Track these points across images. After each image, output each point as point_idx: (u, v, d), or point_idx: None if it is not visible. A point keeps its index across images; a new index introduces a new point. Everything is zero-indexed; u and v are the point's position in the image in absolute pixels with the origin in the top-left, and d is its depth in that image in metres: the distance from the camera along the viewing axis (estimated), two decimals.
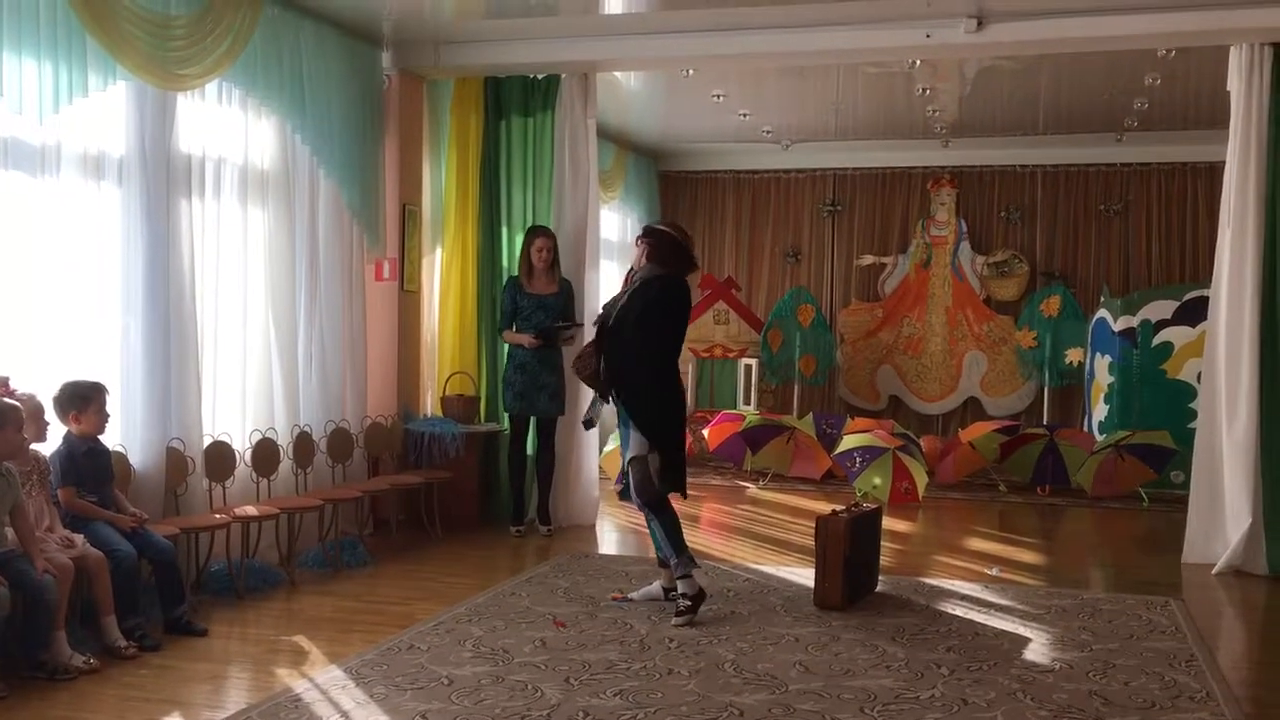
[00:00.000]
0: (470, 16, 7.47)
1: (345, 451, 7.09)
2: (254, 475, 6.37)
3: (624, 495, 5.93)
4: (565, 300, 7.62)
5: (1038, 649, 5.10)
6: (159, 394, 5.72)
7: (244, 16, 6.07)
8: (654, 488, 5.57)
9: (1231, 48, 6.86)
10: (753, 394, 11.36)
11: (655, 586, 5.80)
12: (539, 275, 7.54)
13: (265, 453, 6.43)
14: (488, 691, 4.35)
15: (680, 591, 5.49)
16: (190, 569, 5.71)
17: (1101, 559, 7.69)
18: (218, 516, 5.81)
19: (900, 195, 12.06)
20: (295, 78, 6.67)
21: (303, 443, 6.74)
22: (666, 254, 5.66)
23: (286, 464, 6.62)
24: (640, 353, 5.59)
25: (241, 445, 6.36)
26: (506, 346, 7.68)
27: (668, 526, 5.59)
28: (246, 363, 6.55)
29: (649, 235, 5.76)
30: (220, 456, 6.12)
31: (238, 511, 5.93)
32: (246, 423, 6.49)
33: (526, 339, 7.43)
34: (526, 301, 7.50)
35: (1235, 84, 6.85)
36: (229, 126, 6.35)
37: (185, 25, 5.71)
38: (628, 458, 5.67)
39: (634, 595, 5.81)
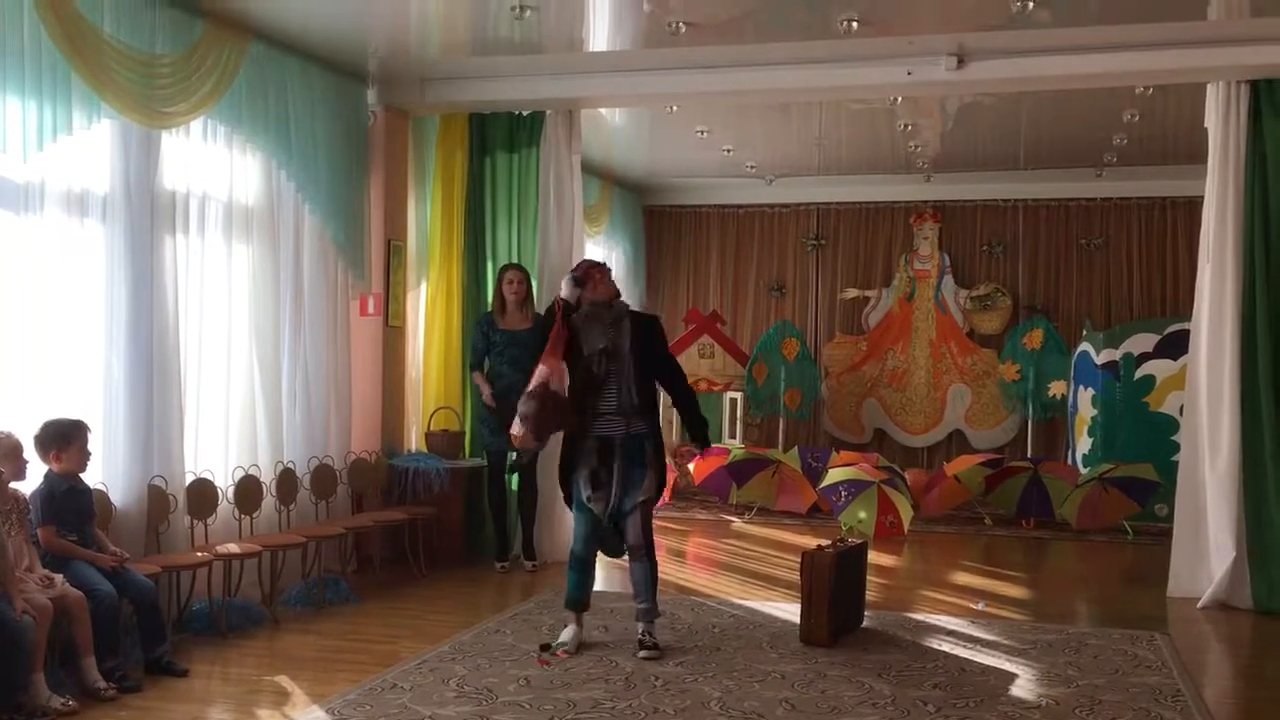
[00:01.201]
0: (455, 54, 7.51)
1: (329, 488, 7.06)
2: (236, 512, 6.33)
3: (611, 548, 5.70)
4: (538, 336, 7.61)
5: (1024, 685, 5.09)
6: (141, 431, 5.69)
7: (229, 55, 6.09)
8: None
9: (1209, 85, 6.95)
10: (738, 427, 11.36)
11: (578, 633, 5.60)
12: (511, 310, 7.57)
13: (248, 490, 6.39)
14: None
15: (653, 636, 5.50)
16: (172, 608, 5.66)
17: (1087, 593, 7.69)
18: (200, 555, 5.77)
19: (884, 229, 12.13)
20: (281, 115, 6.69)
21: (286, 479, 6.71)
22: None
23: (269, 501, 6.59)
24: (654, 389, 5.61)
25: (224, 482, 6.32)
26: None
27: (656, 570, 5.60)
28: (230, 399, 6.52)
29: (602, 267, 5.70)
30: (202, 494, 6.08)
31: (220, 549, 5.89)
32: (229, 459, 6.46)
33: (486, 393, 7.50)
34: (499, 337, 7.53)
35: (1213, 121, 6.93)
36: (214, 163, 6.36)
37: (170, 64, 5.73)
38: (639, 500, 5.48)
39: (567, 647, 5.47)
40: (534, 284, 7.97)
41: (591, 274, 5.60)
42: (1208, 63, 6.70)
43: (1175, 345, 9.27)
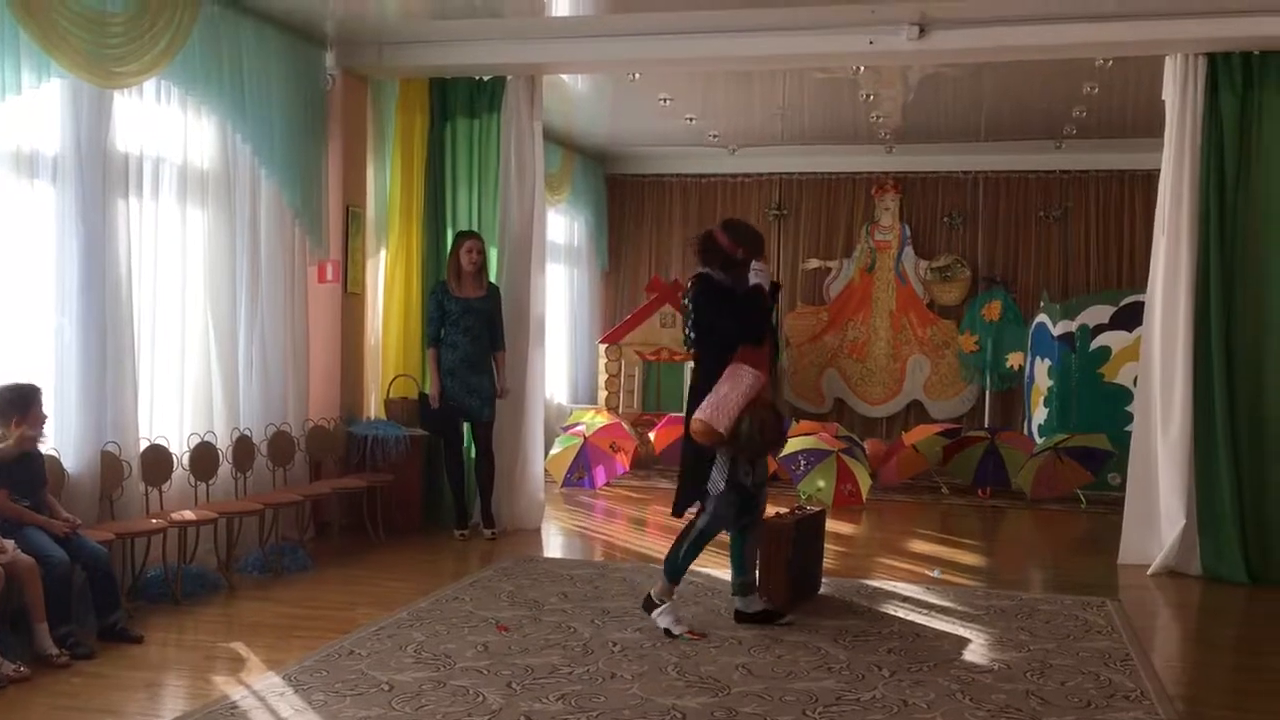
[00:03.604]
0: (415, 17, 7.42)
1: (286, 455, 7.01)
2: (192, 479, 6.27)
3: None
4: (493, 304, 7.60)
5: (977, 650, 5.16)
6: (94, 397, 5.61)
7: (182, 14, 5.97)
8: None
9: (1167, 58, 7.00)
10: None
11: (755, 600, 5.53)
12: (467, 279, 7.51)
13: (204, 456, 6.34)
14: (428, 697, 4.32)
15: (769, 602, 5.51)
16: (126, 575, 5.61)
17: (1040, 560, 7.80)
18: (154, 521, 5.72)
19: (845, 200, 12.16)
20: (236, 77, 6.59)
21: (242, 446, 6.65)
22: None
23: (225, 468, 6.53)
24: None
25: (179, 449, 6.26)
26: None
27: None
28: (184, 365, 6.45)
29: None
30: (157, 460, 6.02)
31: (175, 516, 5.84)
32: (184, 426, 6.39)
33: (433, 390, 7.49)
34: (454, 305, 7.48)
35: (1170, 93, 6.99)
36: (167, 125, 6.26)
37: (122, 22, 5.61)
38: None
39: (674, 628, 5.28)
40: (493, 251, 7.94)
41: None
42: (1165, 35, 6.76)
43: (1131, 317, 9.37)
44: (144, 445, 5.97)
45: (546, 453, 9.07)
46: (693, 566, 5.42)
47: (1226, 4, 6.50)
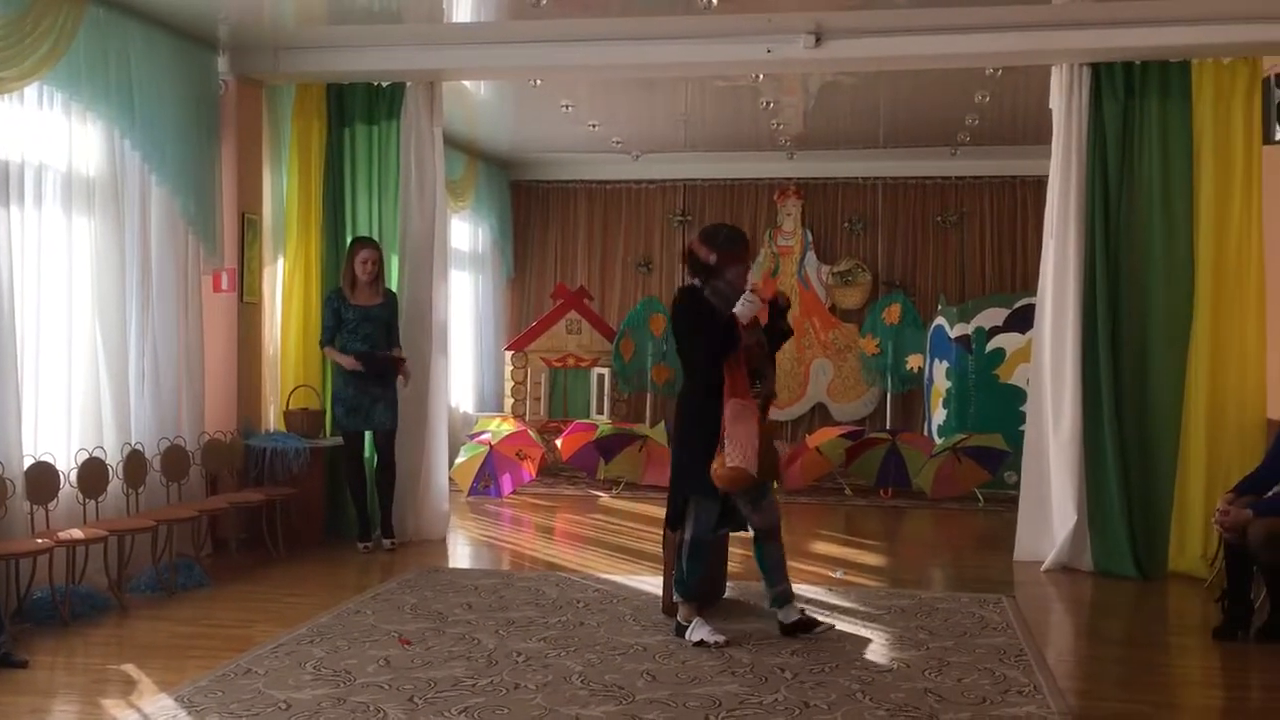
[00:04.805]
0: (311, 22, 7.30)
1: (181, 470, 6.83)
2: (80, 497, 6.07)
3: (736, 524, 5.53)
4: (390, 311, 7.51)
5: (877, 649, 5.24)
6: None
7: (66, 17, 5.79)
8: None
9: (1053, 67, 7.21)
10: (605, 403, 11.39)
11: (795, 610, 5.45)
12: (363, 287, 7.41)
13: (92, 473, 6.13)
14: (327, 715, 4.24)
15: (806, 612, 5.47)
16: (10, 597, 5.42)
17: (939, 559, 7.96)
18: (40, 541, 5.52)
19: (748, 206, 12.29)
20: (123, 81, 6.41)
21: (134, 462, 6.46)
22: None
23: (116, 484, 6.34)
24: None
25: (66, 465, 6.06)
26: (333, 362, 7.52)
27: None
28: (72, 379, 6.24)
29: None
30: (42, 478, 5.81)
31: (62, 535, 5.65)
32: (72, 442, 6.19)
33: (348, 361, 7.31)
34: (351, 314, 7.36)
35: (1057, 102, 7.20)
36: (51, 132, 6.06)
37: (2, 26, 5.42)
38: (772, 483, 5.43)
39: (713, 638, 5.23)
40: (393, 258, 7.85)
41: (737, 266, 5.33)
42: (1051, 45, 6.96)
43: (1023, 319, 9.61)
44: (28, 462, 5.76)
45: (452, 461, 8.98)
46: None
47: (1109, 16, 6.72)
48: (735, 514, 5.43)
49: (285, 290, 8.03)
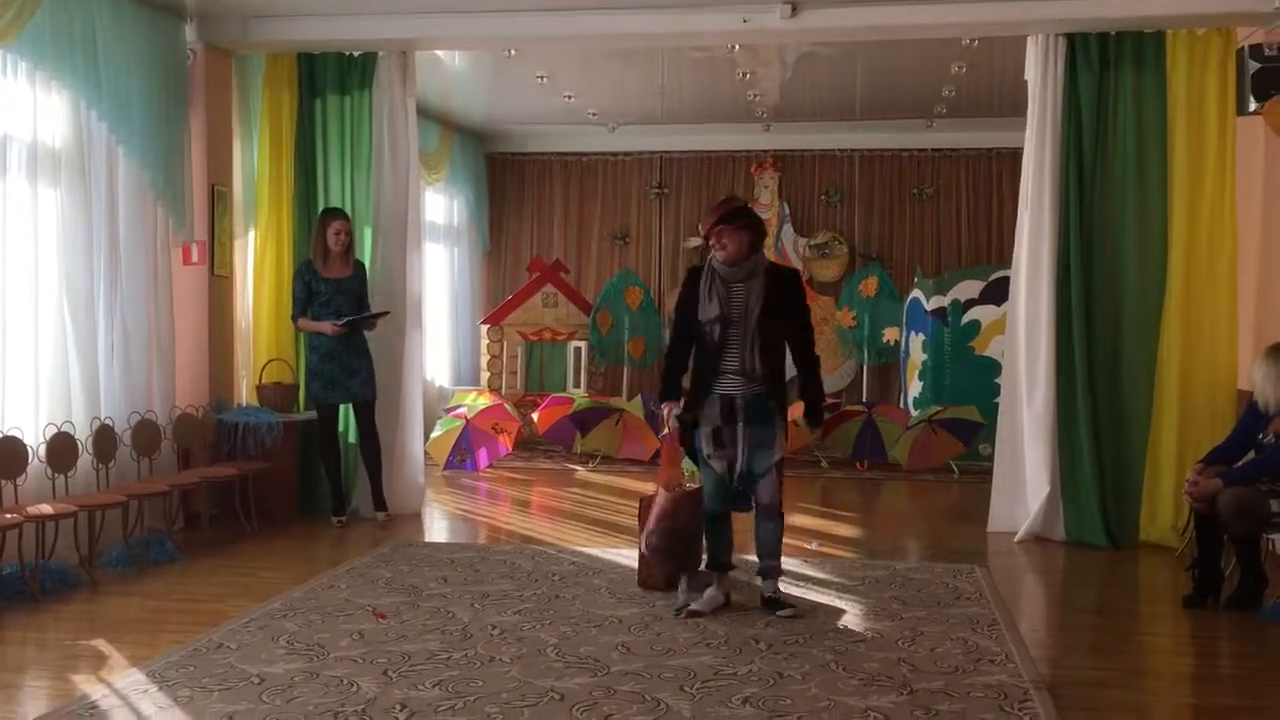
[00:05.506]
0: None
1: (152, 444, 6.77)
2: (49, 472, 6.01)
3: (740, 505, 5.39)
4: (360, 283, 7.45)
5: (852, 620, 5.26)
6: None
7: None
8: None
9: (1029, 38, 7.19)
10: (582, 377, 11.37)
11: (717, 594, 5.37)
12: (334, 259, 7.34)
13: (61, 447, 6.08)
14: (300, 689, 4.22)
15: (779, 592, 5.41)
16: None
17: (914, 530, 7.99)
18: (8, 516, 5.46)
19: (725, 178, 12.26)
20: (89, 51, 6.31)
21: (104, 436, 6.40)
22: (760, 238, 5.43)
23: (86, 459, 6.28)
24: (780, 350, 5.33)
25: (35, 440, 5.99)
26: (306, 336, 7.45)
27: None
28: (39, 353, 6.17)
29: (731, 224, 5.29)
30: (10, 452, 5.75)
31: (31, 510, 5.59)
32: (40, 416, 6.12)
33: (328, 326, 7.23)
34: (323, 286, 7.29)
35: (1032, 73, 7.18)
36: (16, 102, 5.96)
37: None
38: (774, 460, 5.30)
39: (697, 606, 5.28)
40: (366, 231, 7.78)
41: (717, 234, 5.28)
42: (1026, 16, 6.95)
43: (999, 291, 9.61)
44: None
45: (427, 436, 8.95)
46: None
47: None
48: (741, 496, 5.40)
49: (257, 263, 7.95)
